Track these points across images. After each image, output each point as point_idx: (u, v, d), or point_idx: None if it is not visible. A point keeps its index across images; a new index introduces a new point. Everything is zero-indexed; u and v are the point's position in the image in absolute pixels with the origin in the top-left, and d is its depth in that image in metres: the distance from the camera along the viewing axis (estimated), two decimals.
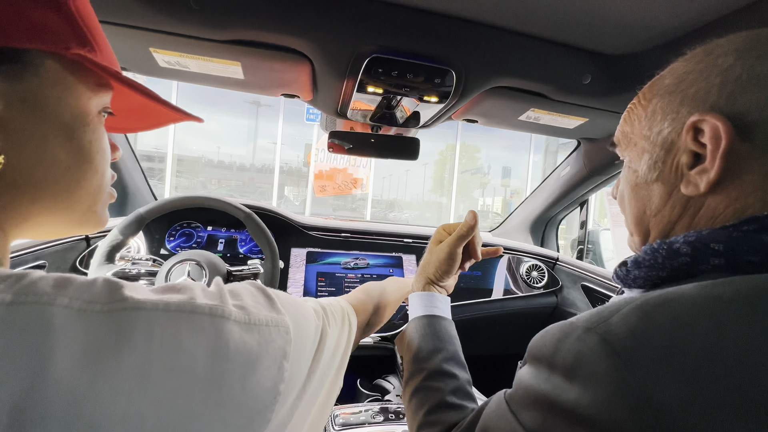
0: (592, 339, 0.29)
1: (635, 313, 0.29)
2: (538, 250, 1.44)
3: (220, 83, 0.81)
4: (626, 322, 0.29)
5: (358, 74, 0.70)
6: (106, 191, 0.35)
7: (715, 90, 0.34)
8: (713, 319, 0.27)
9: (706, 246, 0.33)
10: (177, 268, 0.84)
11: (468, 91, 0.76)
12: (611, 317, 0.30)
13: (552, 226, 1.61)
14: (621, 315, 0.30)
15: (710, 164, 0.34)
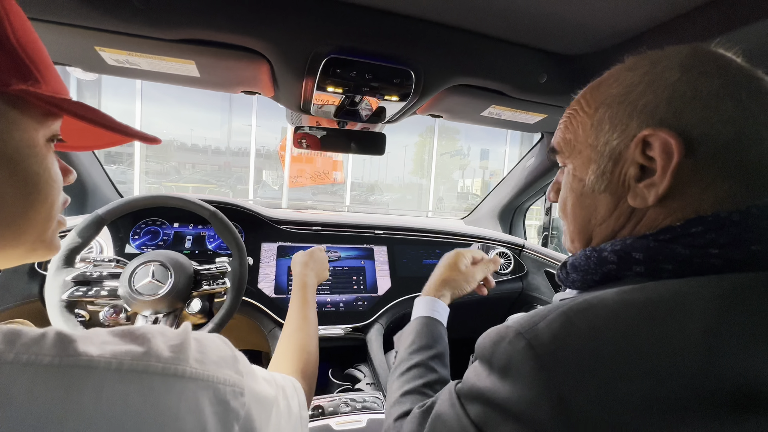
0: (520, 343, 0.31)
1: (559, 319, 0.31)
2: (506, 237, 1.49)
3: (176, 81, 0.78)
4: (550, 328, 0.31)
5: (316, 74, 0.69)
6: (56, 219, 0.34)
7: (664, 104, 0.35)
8: (624, 324, 0.29)
9: (629, 255, 0.35)
10: (141, 269, 0.83)
11: (428, 89, 0.77)
12: (539, 323, 0.32)
13: (519, 214, 1.66)
14: (547, 321, 0.32)
15: (659, 179, 0.35)
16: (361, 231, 1.31)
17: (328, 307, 1.13)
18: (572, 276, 0.41)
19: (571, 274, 0.41)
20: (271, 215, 1.23)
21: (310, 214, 1.34)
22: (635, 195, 0.37)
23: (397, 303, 1.20)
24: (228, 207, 1.15)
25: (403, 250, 1.33)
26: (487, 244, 1.45)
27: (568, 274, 0.41)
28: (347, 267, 1.22)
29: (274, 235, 1.20)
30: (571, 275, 0.41)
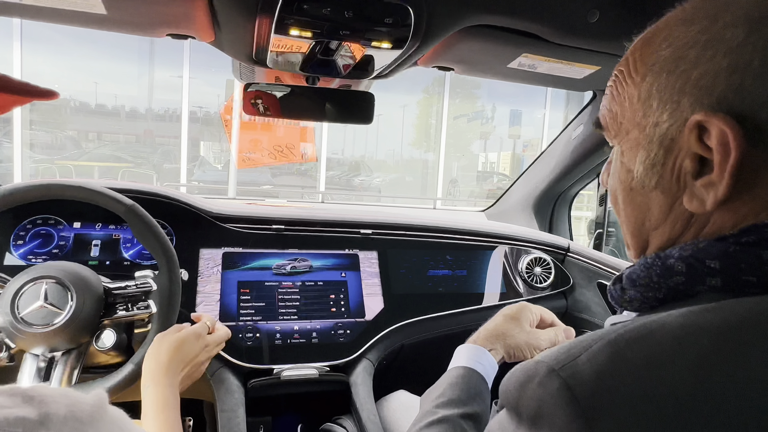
0: (553, 383, 0.32)
1: (605, 350, 0.32)
2: (544, 237, 1.51)
3: (75, 20, 0.77)
4: (593, 363, 0.32)
5: (274, 10, 0.69)
6: None
7: (723, 77, 0.36)
8: (694, 358, 0.30)
9: (702, 263, 0.37)
10: (29, 289, 0.83)
11: (433, 32, 0.77)
12: (579, 356, 0.33)
13: (563, 204, 1.68)
14: (590, 354, 0.33)
15: (718, 177, 0.37)
16: (341, 231, 1.32)
17: (296, 338, 1.14)
18: (629, 293, 0.42)
19: (628, 291, 0.42)
20: (214, 209, 1.24)
21: (270, 207, 1.34)
22: (692, 196, 0.39)
23: (392, 331, 1.22)
24: (151, 198, 1.15)
25: (401, 256, 1.35)
26: (519, 246, 1.46)
27: (624, 291, 0.43)
28: (322, 282, 1.23)
29: (217, 238, 1.21)
30: (627, 292, 0.42)
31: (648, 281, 0.40)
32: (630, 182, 0.44)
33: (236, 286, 1.16)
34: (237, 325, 1.11)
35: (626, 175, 0.44)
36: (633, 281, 0.42)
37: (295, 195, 9.26)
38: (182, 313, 1.07)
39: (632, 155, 0.43)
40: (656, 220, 0.42)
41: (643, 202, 0.43)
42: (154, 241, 0.89)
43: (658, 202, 0.42)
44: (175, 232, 1.18)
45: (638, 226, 0.45)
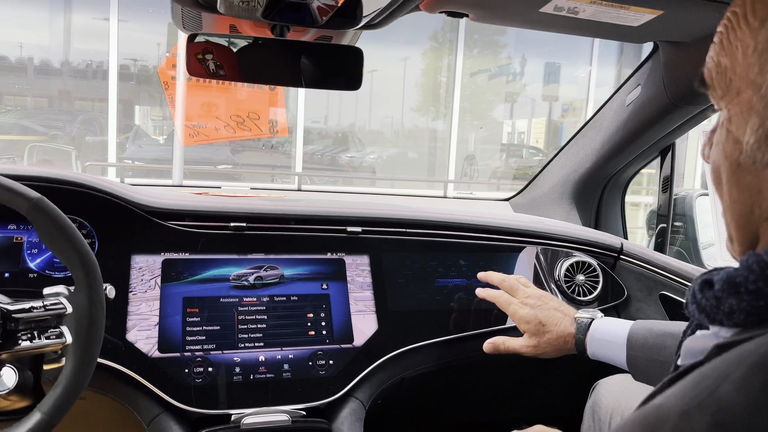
0: (699, 425, 0.33)
1: (756, 377, 0.33)
2: (589, 235, 1.50)
3: None
4: (744, 392, 0.33)
5: None
6: None
7: None
8: None
9: None
10: None
11: None
12: (718, 386, 0.34)
13: (614, 192, 1.68)
14: (734, 382, 0.33)
15: None
16: (321, 228, 1.31)
17: (261, 372, 1.14)
18: (729, 302, 0.43)
19: (727, 300, 0.43)
20: (150, 201, 1.23)
21: (226, 198, 1.33)
22: None
23: (388, 361, 1.22)
24: (64, 187, 1.14)
25: (400, 262, 1.35)
26: (555, 247, 1.46)
27: (720, 300, 0.44)
28: (296, 297, 1.23)
29: (155, 241, 1.20)
30: (726, 301, 0.43)
31: (763, 285, 0.40)
32: (738, 157, 0.45)
33: (181, 305, 1.15)
34: (182, 357, 1.10)
35: (733, 147, 0.45)
36: (736, 285, 0.42)
37: (263, 179, 9.25)
38: (108, 342, 1.07)
39: (742, 122, 0.44)
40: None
41: (753, 183, 0.44)
42: (67, 246, 0.87)
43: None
44: (97, 233, 1.16)
45: (745, 213, 0.46)
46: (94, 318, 0.88)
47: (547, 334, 1.07)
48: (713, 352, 0.39)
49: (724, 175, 0.48)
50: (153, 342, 1.11)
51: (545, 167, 1.78)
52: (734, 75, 0.45)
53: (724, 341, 0.40)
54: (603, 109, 1.52)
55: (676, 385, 0.37)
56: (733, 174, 0.46)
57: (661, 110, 1.34)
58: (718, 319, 0.44)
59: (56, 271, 1.14)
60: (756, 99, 0.42)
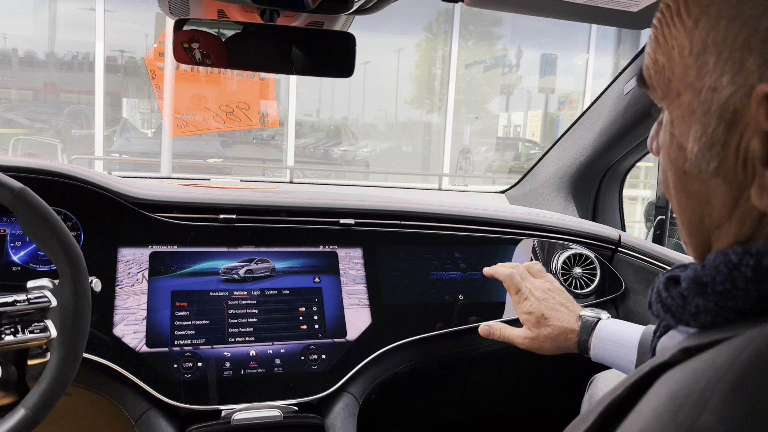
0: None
1: (736, 401, 0.32)
2: (586, 227, 1.51)
3: None
4: (728, 423, 0.31)
5: None
6: None
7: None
8: None
9: None
10: None
11: None
12: (698, 416, 0.32)
13: (612, 183, 1.68)
14: (715, 411, 0.32)
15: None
16: (314, 220, 1.31)
17: (252, 367, 1.14)
18: (695, 302, 0.42)
19: (693, 300, 0.42)
20: (138, 193, 1.22)
21: (215, 190, 1.32)
22: (762, 189, 0.39)
23: (382, 356, 1.22)
24: (49, 178, 1.13)
25: (394, 254, 1.35)
26: (551, 239, 1.46)
27: (686, 300, 0.43)
28: (288, 290, 1.23)
29: (142, 233, 1.20)
30: (692, 301, 0.43)
31: (731, 287, 0.40)
32: (683, 164, 0.44)
33: (169, 299, 1.15)
34: (170, 352, 1.10)
35: (678, 153, 0.45)
36: (703, 285, 0.42)
37: (254, 173, 9.24)
38: (94, 337, 1.07)
39: (685, 127, 0.43)
40: (718, 217, 0.43)
41: (700, 192, 0.44)
42: (51, 238, 0.87)
43: (719, 194, 0.42)
44: (82, 225, 1.16)
45: (695, 222, 0.45)
46: (79, 311, 0.88)
47: (548, 327, 1.04)
48: (679, 355, 0.38)
49: (670, 180, 0.47)
50: (141, 337, 1.10)
51: (542, 158, 1.78)
52: (672, 75, 0.44)
53: (690, 345, 0.39)
54: (600, 98, 1.52)
55: (647, 408, 0.36)
56: (680, 181, 0.45)
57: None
58: (684, 320, 0.44)
59: (40, 264, 1.13)
60: (696, 104, 0.42)
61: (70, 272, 0.88)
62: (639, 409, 0.37)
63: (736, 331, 0.37)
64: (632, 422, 0.36)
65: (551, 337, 1.04)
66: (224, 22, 0.99)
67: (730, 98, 0.39)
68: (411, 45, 10.49)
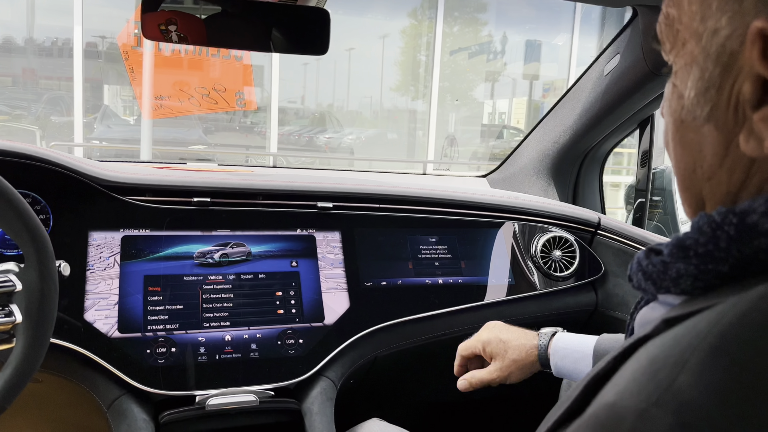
0: (660, 426, 0.31)
1: (715, 363, 0.32)
2: (566, 210, 1.51)
3: None
4: (707, 384, 0.31)
5: None
6: None
7: None
8: None
9: None
10: None
11: None
12: (676, 377, 0.32)
13: (592, 166, 1.68)
14: (693, 371, 0.32)
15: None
16: (291, 204, 1.30)
17: (227, 352, 1.13)
18: (676, 267, 0.42)
19: (674, 264, 0.42)
20: (109, 175, 1.20)
21: (189, 173, 1.31)
22: (749, 133, 0.39)
23: (361, 339, 1.21)
24: (16, 160, 1.11)
25: (373, 238, 1.34)
26: (532, 223, 1.46)
27: (667, 266, 0.43)
28: (264, 274, 1.22)
29: (114, 216, 1.18)
30: (673, 266, 0.43)
31: (713, 248, 0.40)
32: (680, 113, 0.45)
33: (142, 283, 1.14)
34: (143, 337, 1.09)
35: (677, 102, 0.45)
36: (685, 249, 0.41)
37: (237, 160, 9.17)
38: (64, 322, 1.05)
39: (686, 75, 0.44)
40: (709, 166, 0.43)
41: (694, 141, 0.44)
42: (15, 220, 0.84)
43: (711, 141, 0.42)
44: (52, 208, 1.14)
45: (689, 173, 0.45)
46: (45, 295, 0.85)
47: (509, 351, 1.03)
48: (661, 326, 0.38)
49: (669, 132, 0.48)
50: (113, 322, 1.09)
51: (523, 142, 1.77)
52: (680, 25, 0.44)
53: (672, 315, 0.38)
54: (581, 80, 1.52)
55: (626, 372, 0.35)
56: (677, 131, 0.46)
57: (641, 79, 1.33)
58: (664, 286, 0.44)
59: (6, 248, 1.11)
60: (698, 50, 0.42)
61: (36, 255, 0.86)
62: (619, 374, 0.37)
63: (719, 299, 0.36)
64: (611, 386, 0.36)
65: (515, 360, 1.02)
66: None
67: (728, 40, 0.39)
68: (396, 31, 10.43)
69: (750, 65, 0.38)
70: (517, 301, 1.39)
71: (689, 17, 0.43)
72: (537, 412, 1.70)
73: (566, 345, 1.00)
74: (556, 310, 1.42)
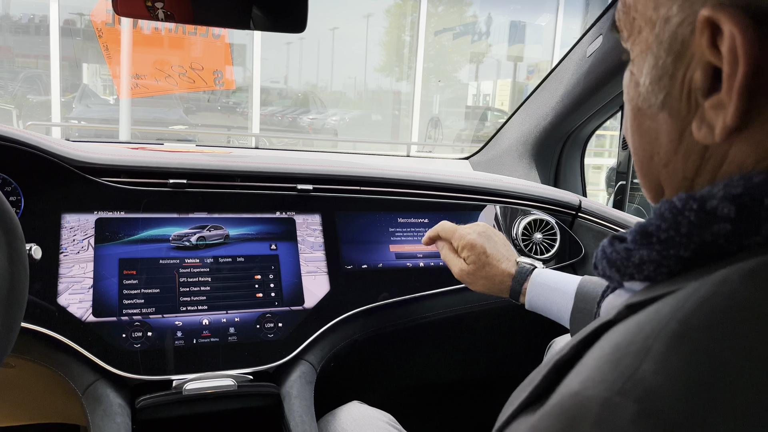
0: (621, 416, 0.30)
1: (678, 349, 0.32)
2: (547, 192, 1.51)
3: None
4: (670, 371, 0.31)
5: None
6: None
7: None
8: None
9: (760, 203, 0.37)
10: None
11: None
12: (639, 365, 0.32)
13: (573, 149, 1.69)
14: (655, 359, 0.32)
15: (726, 96, 0.38)
16: (270, 186, 1.29)
17: (205, 336, 1.12)
18: (639, 254, 0.43)
19: (638, 251, 0.43)
20: (82, 156, 1.18)
21: (165, 153, 1.29)
22: (701, 121, 0.41)
23: (341, 323, 1.21)
24: None
25: (353, 221, 1.34)
26: (513, 205, 1.47)
27: (630, 252, 0.44)
28: (243, 257, 1.21)
29: (88, 198, 1.16)
30: (636, 253, 0.43)
31: (674, 234, 0.40)
32: (636, 100, 0.47)
33: (117, 267, 1.12)
34: (119, 321, 1.07)
35: (634, 90, 0.47)
36: (648, 235, 0.42)
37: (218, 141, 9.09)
38: (37, 306, 1.04)
39: (642, 63, 0.45)
40: (665, 153, 0.45)
41: (651, 128, 0.45)
42: None
43: (666, 129, 0.44)
44: (23, 190, 1.11)
45: (647, 160, 0.47)
46: (14, 279, 0.83)
47: (487, 267, 1.01)
48: (624, 311, 0.38)
49: (628, 120, 0.49)
50: (87, 306, 1.07)
51: (505, 124, 1.78)
52: (636, 13, 0.45)
53: (635, 301, 0.39)
54: (564, 61, 1.52)
55: (590, 360, 0.35)
56: (635, 118, 0.47)
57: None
58: (628, 273, 0.45)
59: None
60: (652, 38, 0.43)
61: (4, 238, 0.83)
62: (583, 362, 0.37)
63: (681, 285, 0.37)
64: (575, 374, 0.36)
65: (488, 277, 1.02)
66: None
67: (679, 28, 0.40)
68: (380, 10, 10.36)
69: (700, 53, 0.39)
70: None
71: (643, 5, 0.44)
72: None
73: (546, 281, 0.98)
74: None
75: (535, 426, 0.36)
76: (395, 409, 1.19)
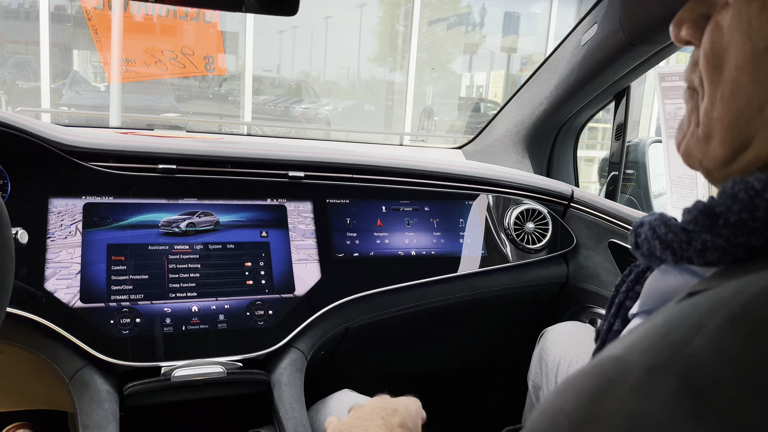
0: (665, 386, 0.30)
1: (734, 331, 0.30)
2: (540, 182, 1.51)
3: None
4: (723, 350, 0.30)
5: None
6: None
7: None
8: None
9: None
10: None
11: None
12: (690, 340, 0.31)
13: (566, 139, 1.68)
14: (709, 336, 0.30)
15: None
16: (261, 172, 1.28)
17: (194, 323, 1.11)
18: (702, 238, 0.40)
19: (700, 235, 0.40)
20: (70, 140, 1.16)
21: (155, 139, 1.28)
22: None
23: (332, 311, 1.21)
24: None
25: (345, 209, 1.34)
26: (506, 195, 1.46)
27: (691, 235, 0.41)
28: (233, 244, 1.20)
29: (76, 183, 1.15)
30: (698, 237, 0.40)
31: (748, 217, 0.37)
32: (757, 40, 0.40)
33: (105, 252, 1.11)
34: (107, 308, 1.06)
35: (741, 35, 0.40)
36: (714, 216, 0.39)
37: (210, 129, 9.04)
38: (23, 291, 1.03)
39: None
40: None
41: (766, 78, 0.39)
42: None
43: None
44: (10, 173, 1.10)
45: (753, 110, 0.40)
46: (2, 265, 0.82)
47: None
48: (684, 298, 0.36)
49: (734, 59, 0.41)
50: (74, 291, 1.06)
51: (498, 113, 1.77)
52: None
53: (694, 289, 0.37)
54: (558, 50, 1.51)
55: (638, 330, 0.34)
56: (754, 59, 0.40)
57: (617, 50, 1.32)
58: (686, 257, 0.41)
59: None
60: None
61: None
62: (630, 331, 0.35)
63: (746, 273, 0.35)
64: (620, 341, 0.35)
65: None
66: None
67: None
68: (374, 0, 10.30)
69: None
70: (489, 273, 1.40)
71: None
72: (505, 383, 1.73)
73: None
74: (527, 282, 1.43)
75: (569, 382, 0.35)
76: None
